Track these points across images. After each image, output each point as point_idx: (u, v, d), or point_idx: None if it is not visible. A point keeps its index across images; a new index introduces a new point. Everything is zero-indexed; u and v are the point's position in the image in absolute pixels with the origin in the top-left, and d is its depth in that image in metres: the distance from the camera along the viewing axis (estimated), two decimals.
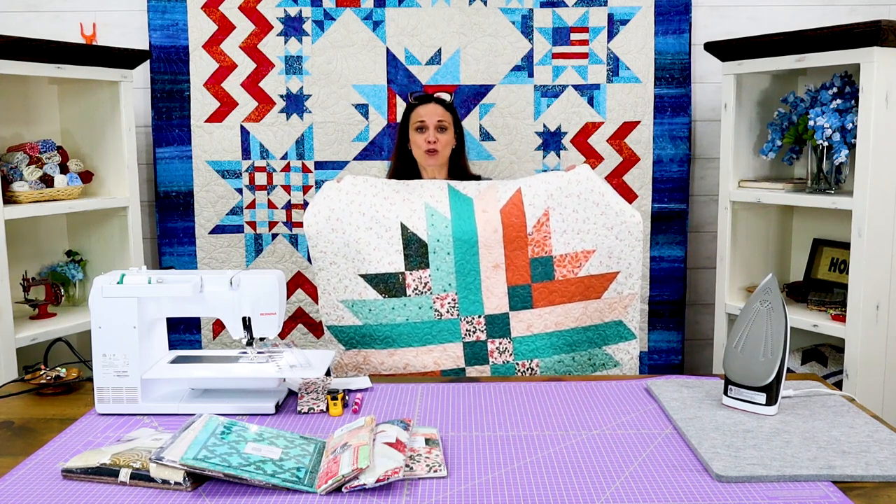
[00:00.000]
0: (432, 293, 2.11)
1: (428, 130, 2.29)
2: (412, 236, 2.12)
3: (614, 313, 2.15)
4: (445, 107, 2.35)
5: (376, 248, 2.11)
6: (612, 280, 2.14)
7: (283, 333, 3.06)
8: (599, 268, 2.13)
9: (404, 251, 2.11)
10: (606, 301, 2.14)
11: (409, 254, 2.11)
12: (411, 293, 2.10)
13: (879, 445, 1.39)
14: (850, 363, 2.33)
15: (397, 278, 2.10)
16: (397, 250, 2.11)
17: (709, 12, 3.02)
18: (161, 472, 1.27)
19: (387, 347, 2.11)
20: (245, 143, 3.03)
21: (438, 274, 2.11)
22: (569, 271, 2.15)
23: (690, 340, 3.18)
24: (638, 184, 3.04)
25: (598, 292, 2.13)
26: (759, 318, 1.55)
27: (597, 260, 2.13)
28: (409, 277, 2.09)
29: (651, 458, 1.38)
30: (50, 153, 2.60)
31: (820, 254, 2.75)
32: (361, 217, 2.13)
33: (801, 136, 2.53)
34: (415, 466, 1.32)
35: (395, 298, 2.09)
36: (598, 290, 2.13)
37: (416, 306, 2.10)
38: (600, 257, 2.13)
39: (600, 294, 2.14)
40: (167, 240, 3.07)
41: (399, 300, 2.10)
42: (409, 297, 2.10)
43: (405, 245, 2.11)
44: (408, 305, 2.10)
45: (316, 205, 2.14)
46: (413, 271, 2.10)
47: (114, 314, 1.60)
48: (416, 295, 2.10)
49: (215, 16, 2.98)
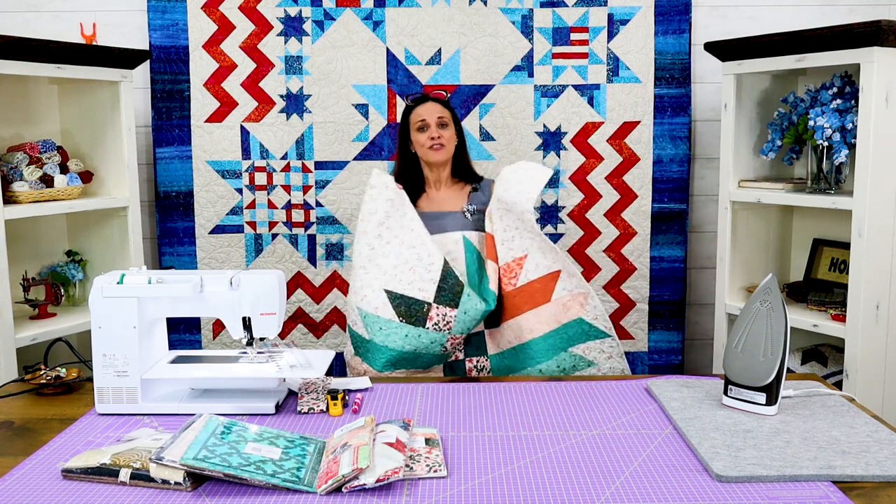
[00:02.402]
0: (450, 333, 2.06)
1: (430, 128, 2.29)
2: (451, 272, 2.07)
3: (571, 312, 2.06)
4: (443, 104, 2.35)
5: (412, 269, 2.06)
6: (555, 280, 2.05)
7: (283, 333, 3.06)
8: (537, 270, 2.05)
9: (439, 283, 2.05)
10: (558, 302, 2.05)
11: (444, 287, 2.05)
12: (430, 326, 2.05)
13: (879, 445, 1.39)
14: (850, 363, 2.33)
15: (422, 307, 2.04)
16: (433, 279, 2.05)
17: (709, 12, 3.02)
18: (161, 472, 1.27)
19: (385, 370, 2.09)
20: (245, 143, 3.03)
21: (465, 318, 2.06)
22: (507, 283, 2.10)
23: (690, 340, 3.18)
24: (638, 184, 3.04)
25: (546, 295, 2.05)
26: (759, 318, 1.55)
27: (532, 264, 2.05)
28: (434, 310, 2.04)
29: (651, 458, 1.38)
30: (50, 153, 2.60)
31: (820, 254, 2.75)
32: (410, 233, 2.09)
33: (801, 136, 2.52)
34: (415, 466, 1.33)
35: (412, 327, 2.04)
36: (545, 294, 2.05)
37: (430, 340, 2.06)
38: (535, 260, 2.05)
39: (549, 297, 2.05)
40: (167, 240, 3.07)
41: (415, 329, 2.04)
42: (427, 329, 2.05)
43: (442, 278, 2.05)
44: (422, 337, 2.05)
45: (375, 201, 2.09)
46: (441, 306, 2.04)
47: (114, 314, 1.60)
48: (435, 330, 2.05)
49: (215, 16, 2.98)
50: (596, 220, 3.06)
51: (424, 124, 2.29)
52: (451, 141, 2.32)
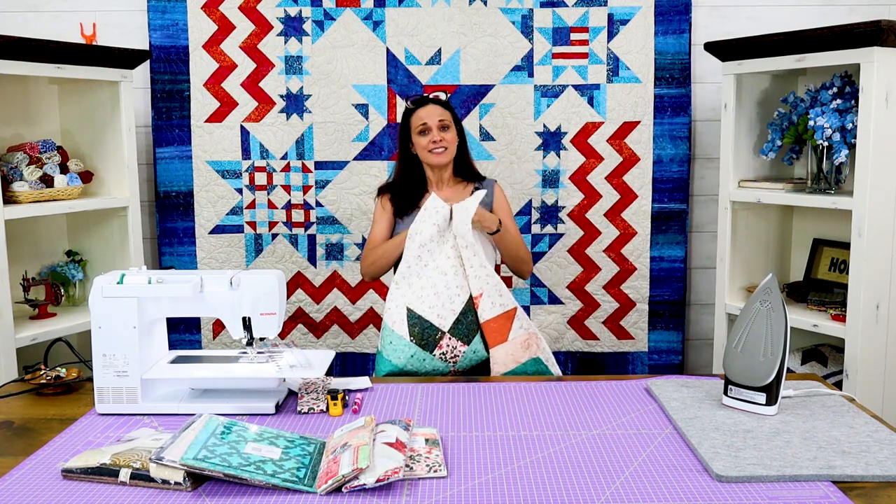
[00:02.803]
0: (455, 367, 2.07)
1: (431, 131, 2.29)
2: (472, 310, 2.07)
3: (529, 351, 2.06)
4: (444, 106, 2.35)
5: (437, 294, 2.06)
6: (512, 318, 2.05)
7: (283, 333, 3.06)
8: (493, 309, 2.05)
9: (459, 315, 2.05)
10: (515, 342, 2.05)
11: (461, 321, 2.05)
12: (437, 355, 2.05)
13: (879, 445, 1.39)
14: (850, 363, 2.33)
15: (435, 333, 2.04)
16: (454, 310, 2.05)
17: (709, 12, 3.02)
18: (161, 472, 1.27)
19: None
20: (245, 143, 3.03)
21: (473, 356, 2.07)
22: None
23: (690, 340, 3.18)
24: (638, 184, 3.04)
25: (503, 335, 2.05)
26: (759, 318, 1.55)
27: (488, 302, 2.05)
28: (445, 340, 2.04)
29: (651, 458, 1.38)
30: (50, 153, 2.60)
31: (820, 254, 2.75)
32: (446, 260, 2.08)
33: (801, 136, 2.52)
34: (415, 466, 1.32)
35: (420, 349, 2.04)
36: (502, 333, 2.05)
37: (432, 367, 2.06)
38: (490, 298, 2.05)
39: (506, 336, 2.05)
40: (167, 240, 3.07)
41: (422, 353, 2.04)
42: (433, 356, 2.05)
43: (463, 312, 2.05)
44: (426, 362, 2.05)
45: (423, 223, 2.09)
46: (453, 338, 2.04)
47: (114, 314, 1.60)
48: (440, 360, 2.05)
49: (215, 16, 2.98)
50: (596, 220, 3.06)
51: (426, 128, 2.29)
52: (452, 143, 2.32)
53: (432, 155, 2.29)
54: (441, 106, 2.34)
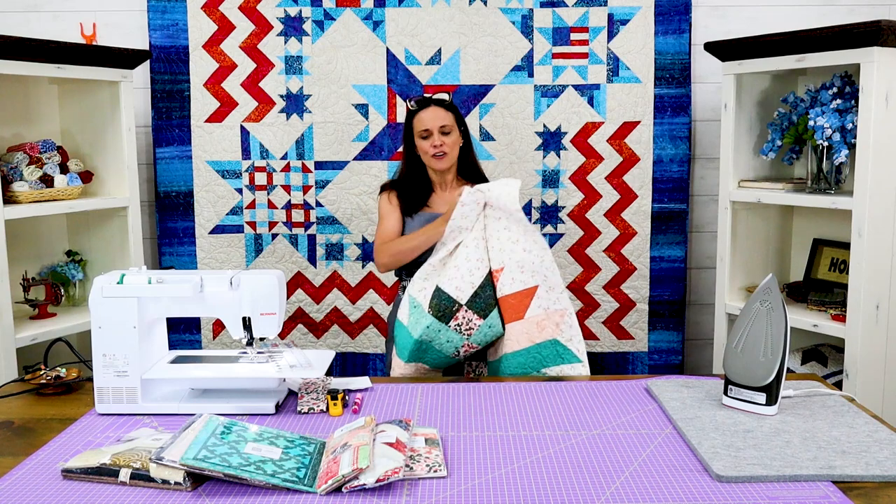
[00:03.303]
0: (468, 340, 2.04)
1: (433, 136, 2.29)
2: (490, 284, 2.04)
3: (546, 332, 2.01)
4: (446, 107, 2.34)
5: (457, 267, 2.04)
6: (531, 296, 2.01)
7: (283, 333, 3.06)
8: (513, 285, 2.02)
9: (477, 289, 2.02)
10: (531, 320, 2.01)
11: (479, 295, 2.02)
12: (452, 326, 2.02)
13: (879, 445, 1.39)
14: (850, 363, 2.33)
15: (452, 305, 2.01)
16: (472, 283, 2.02)
17: (709, 12, 3.02)
18: (161, 472, 1.27)
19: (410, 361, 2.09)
20: (245, 143, 3.03)
21: (489, 331, 2.04)
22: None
23: (690, 340, 3.18)
24: (638, 184, 3.04)
25: (520, 312, 2.02)
26: (759, 318, 1.55)
27: (508, 277, 2.02)
28: (461, 312, 2.01)
29: (651, 458, 1.38)
30: (50, 153, 2.60)
31: (820, 254, 2.75)
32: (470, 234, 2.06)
33: (801, 136, 2.53)
34: (415, 466, 1.32)
35: (436, 320, 2.02)
36: (519, 311, 2.02)
37: (446, 340, 2.03)
38: (511, 273, 2.02)
39: (522, 314, 2.02)
40: (167, 240, 3.07)
41: (437, 324, 2.01)
42: (449, 328, 2.02)
43: (482, 286, 2.02)
44: (441, 332, 2.02)
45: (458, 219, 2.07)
46: (470, 311, 2.01)
47: (114, 314, 1.60)
48: (455, 331, 2.02)
49: (215, 16, 2.98)
50: (596, 220, 3.06)
51: (427, 133, 2.29)
52: (454, 147, 2.32)
53: (433, 159, 2.30)
54: (444, 108, 2.33)
